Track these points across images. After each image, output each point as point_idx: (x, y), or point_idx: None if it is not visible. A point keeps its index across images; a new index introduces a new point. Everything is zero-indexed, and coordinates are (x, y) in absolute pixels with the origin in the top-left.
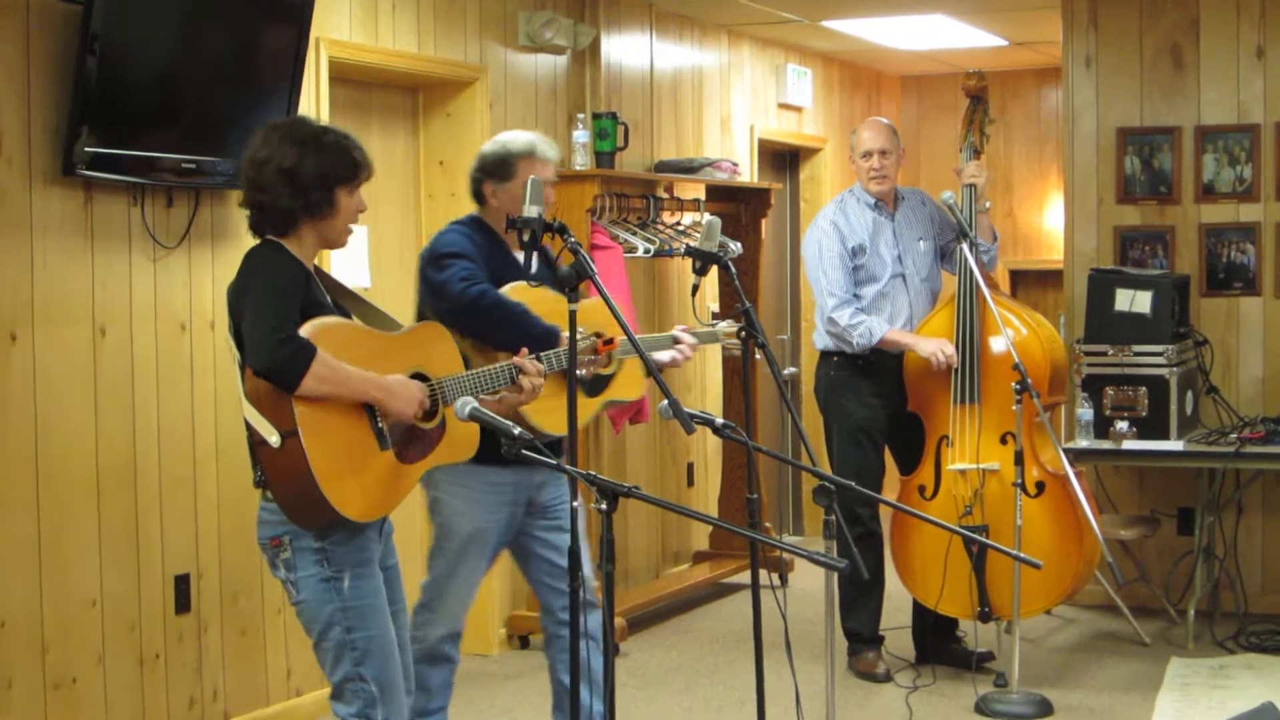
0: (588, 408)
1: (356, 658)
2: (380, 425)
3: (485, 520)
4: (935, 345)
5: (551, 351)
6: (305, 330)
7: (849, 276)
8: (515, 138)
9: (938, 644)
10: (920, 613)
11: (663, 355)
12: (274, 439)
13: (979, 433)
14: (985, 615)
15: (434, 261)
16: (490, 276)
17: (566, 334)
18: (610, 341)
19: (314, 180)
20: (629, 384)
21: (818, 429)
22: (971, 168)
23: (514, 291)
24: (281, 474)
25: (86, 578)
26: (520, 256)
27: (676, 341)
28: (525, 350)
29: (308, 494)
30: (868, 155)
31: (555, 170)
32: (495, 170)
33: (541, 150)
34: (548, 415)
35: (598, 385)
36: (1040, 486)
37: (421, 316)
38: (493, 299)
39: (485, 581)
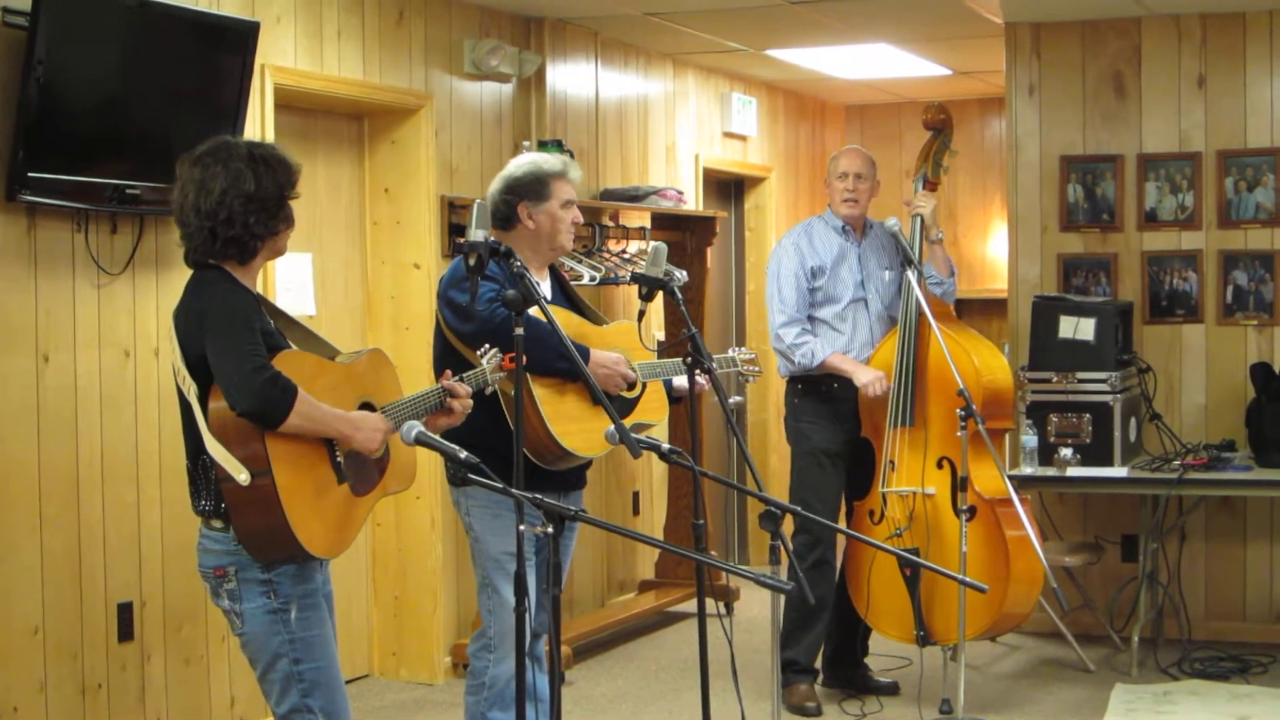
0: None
1: (304, 689)
2: (338, 459)
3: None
4: (872, 376)
5: (469, 373)
6: (275, 365)
7: (803, 297)
8: (545, 158)
9: (846, 671)
10: (835, 637)
11: (681, 381)
12: (243, 477)
13: (913, 456)
14: (923, 639)
15: (457, 284)
16: None
17: (596, 353)
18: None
19: (275, 198)
20: (653, 407)
21: (787, 459)
22: (920, 198)
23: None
24: (247, 509)
25: (28, 605)
26: (540, 281)
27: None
28: (449, 373)
29: (275, 530)
30: (844, 177)
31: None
32: (530, 191)
33: (572, 172)
34: (576, 438)
35: (624, 408)
36: (971, 511)
37: (441, 342)
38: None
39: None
